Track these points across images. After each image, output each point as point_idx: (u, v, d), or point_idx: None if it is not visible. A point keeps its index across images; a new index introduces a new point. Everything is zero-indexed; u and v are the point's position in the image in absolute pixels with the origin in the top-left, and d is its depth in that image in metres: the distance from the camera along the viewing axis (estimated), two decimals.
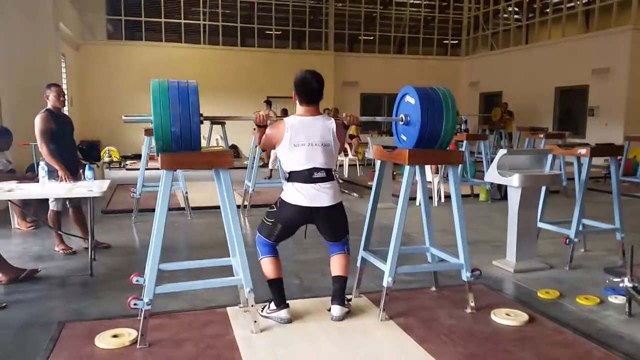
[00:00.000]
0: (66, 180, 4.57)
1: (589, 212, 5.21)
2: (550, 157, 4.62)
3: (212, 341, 2.93)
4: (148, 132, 6.84)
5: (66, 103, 4.92)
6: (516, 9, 17.97)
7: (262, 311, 3.22)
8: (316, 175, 3.07)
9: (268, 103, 13.25)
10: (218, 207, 7.70)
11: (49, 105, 4.81)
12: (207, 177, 8.12)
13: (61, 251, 4.88)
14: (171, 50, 16.06)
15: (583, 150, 4.47)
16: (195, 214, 6.81)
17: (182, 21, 16.27)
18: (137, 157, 14.82)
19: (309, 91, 3.13)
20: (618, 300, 3.70)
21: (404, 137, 3.40)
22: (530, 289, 3.99)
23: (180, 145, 2.84)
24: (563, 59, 14.56)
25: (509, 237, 4.50)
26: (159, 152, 2.85)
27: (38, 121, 4.68)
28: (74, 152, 5.04)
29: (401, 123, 3.36)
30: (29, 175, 6.13)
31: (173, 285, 3.10)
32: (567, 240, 4.48)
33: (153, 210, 6.72)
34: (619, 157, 5.28)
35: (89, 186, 4.19)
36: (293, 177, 3.10)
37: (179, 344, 2.89)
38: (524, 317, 3.26)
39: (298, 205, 3.07)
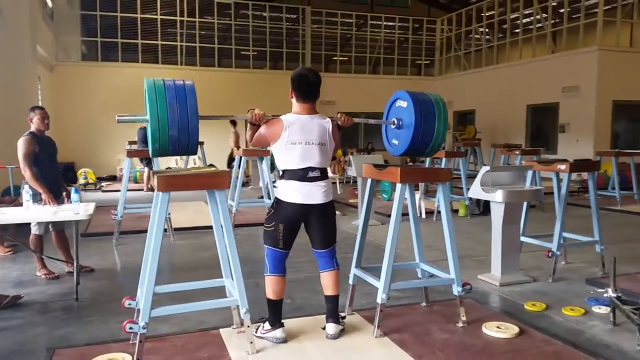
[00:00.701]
0: (50, 204, 4.50)
1: (568, 225, 5.36)
2: (530, 173, 4.76)
3: None
4: (130, 153, 6.81)
5: (50, 126, 4.86)
6: (487, 30, 18.50)
7: (256, 332, 3.20)
8: (311, 174, 3.08)
9: (233, 123, 13.34)
10: (199, 228, 7.70)
11: (33, 128, 4.75)
12: (186, 198, 8.08)
13: (43, 276, 4.77)
14: (148, 72, 15.94)
15: (563, 166, 4.62)
16: (177, 235, 6.75)
17: (159, 42, 16.26)
18: (112, 178, 14.68)
19: (306, 86, 3.11)
20: (602, 310, 3.81)
21: (396, 142, 3.44)
22: (516, 302, 4.07)
23: (177, 147, 2.79)
24: (534, 78, 15.02)
25: (493, 251, 4.60)
26: (153, 157, 2.96)
27: (21, 144, 4.62)
28: (57, 175, 4.96)
29: (393, 126, 3.39)
30: (7, 199, 6.02)
31: (170, 307, 3.07)
32: (550, 253, 4.60)
33: (134, 232, 6.88)
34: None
35: (75, 209, 4.12)
36: (287, 175, 3.10)
37: None
38: (514, 329, 3.33)
39: (294, 202, 3.08)
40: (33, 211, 4.20)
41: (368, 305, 3.77)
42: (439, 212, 7.61)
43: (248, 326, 3.02)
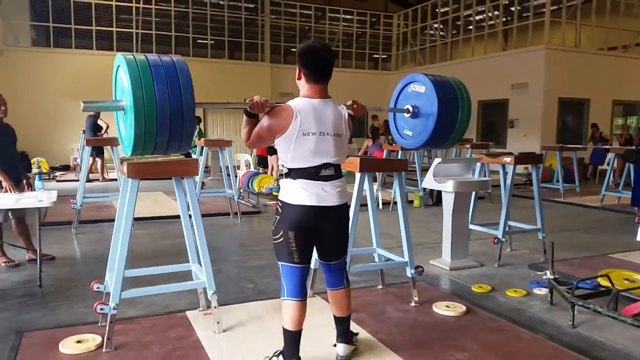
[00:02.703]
0: (10, 191, 4.49)
1: (514, 215, 5.76)
2: (478, 165, 5.08)
3: (177, 343, 3.05)
4: (89, 142, 6.77)
5: (7, 113, 4.81)
6: (442, 26, 19.02)
7: None
8: (324, 172, 2.57)
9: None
10: (159, 218, 7.72)
11: None
12: (146, 188, 8.09)
13: (3, 264, 4.76)
14: (102, 59, 15.58)
15: (508, 159, 4.97)
16: (137, 225, 6.77)
17: (114, 29, 15.93)
18: (66, 168, 14.35)
19: (319, 64, 2.57)
20: (542, 292, 4.16)
21: (409, 132, 3.06)
22: (464, 284, 4.39)
23: (167, 146, 2.34)
24: (485, 74, 15.59)
25: (444, 238, 4.91)
26: (133, 151, 2.39)
27: None
28: (17, 162, 4.93)
29: (407, 115, 2.99)
30: None
31: (140, 289, 3.18)
32: (496, 240, 4.94)
33: (94, 221, 6.87)
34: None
35: (39, 197, 4.14)
36: (295, 173, 2.59)
37: (145, 347, 2.99)
38: (462, 308, 3.62)
39: (303, 205, 2.56)
40: None
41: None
42: (395, 202, 7.91)
43: (215, 307, 3.18)
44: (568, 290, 3.60)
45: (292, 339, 2.63)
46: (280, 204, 2.63)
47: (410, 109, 2.95)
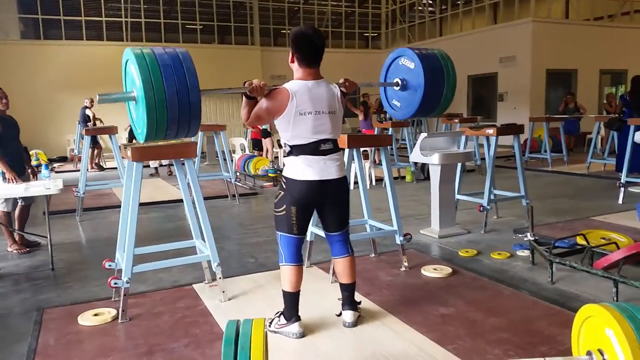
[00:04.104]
0: (13, 182, 4.69)
1: (502, 185, 6.02)
2: (463, 138, 5.32)
3: (186, 312, 3.32)
4: (88, 131, 6.97)
5: (9, 105, 5.00)
6: (430, 2, 19.08)
7: (270, 326, 2.93)
8: (324, 146, 2.79)
9: None
10: (160, 203, 7.94)
11: None
12: (144, 175, 8.32)
13: (15, 251, 4.99)
14: (93, 49, 15.72)
15: (490, 131, 5.21)
16: (139, 210, 6.98)
17: (103, 19, 15.96)
18: (63, 159, 14.52)
19: (311, 49, 2.75)
20: (525, 253, 4.43)
21: (397, 103, 3.24)
22: (452, 250, 4.67)
23: (177, 129, 2.46)
24: (474, 49, 15.75)
25: (432, 208, 5.17)
26: (144, 142, 2.54)
27: None
28: (21, 152, 5.13)
29: (396, 88, 3.13)
30: None
31: (149, 264, 3.43)
32: (481, 208, 5.21)
33: (97, 209, 7.10)
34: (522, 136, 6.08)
35: (46, 184, 4.37)
36: (297, 150, 2.77)
37: (157, 316, 3.26)
38: (447, 270, 3.90)
39: (307, 180, 2.77)
40: (5, 188, 4.41)
41: (323, 260, 4.26)
42: None
43: (220, 278, 3.44)
44: (547, 249, 3.87)
45: (292, 299, 2.89)
46: (284, 180, 2.83)
47: (399, 82, 3.10)
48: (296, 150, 2.78)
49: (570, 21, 15.18)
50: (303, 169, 2.77)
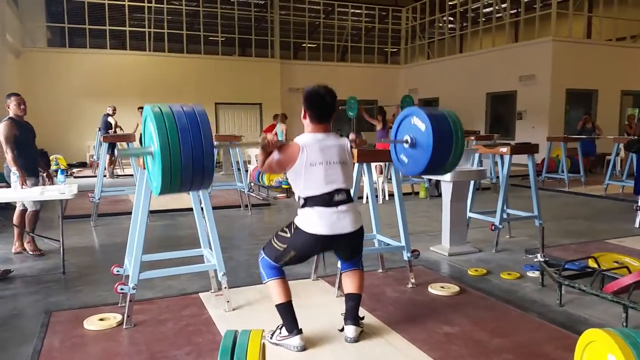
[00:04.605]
0: (21, 186, 4.78)
1: (516, 205, 5.94)
2: (477, 155, 5.30)
3: (190, 320, 3.34)
4: (106, 138, 7.10)
5: (27, 111, 5.12)
6: (451, 19, 19.11)
7: (271, 338, 2.95)
8: (337, 197, 2.82)
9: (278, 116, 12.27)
10: (173, 211, 8.01)
11: (11, 114, 5.02)
12: None
13: (31, 252, 5.08)
14: (116, 57, 16.04)
15: (504, 149, 5.17)
16: (152, 217, 7.07)
17: (127, 28, 16.28)
18: (82, 164, 14.78)
19: (322, 107, 2.86)
20: (535, 274, 4.37)
21: (405, 159, 3.29)
22: (461, 268, 4.62)
23: (191, 183, 2.46)
24: (493, 67, 15.70)
25: (443, 225, 5.14)
26: (158, 195, 2.56)
27: (2, 128, 4.89)
28: (36, 157, 5.24)
29: (406, 145, 3.19)
30: None
31: (156, 271, 3.47)
32: (493, 227, 5.16)
33: (111, 214, 7.19)
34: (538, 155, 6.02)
35: (61, 189, 4.45)
36: (311, 202, 2.82)
37: (162, 323, 3.28)
38: (455, 288, 3.87)
39: (317, 234, 2.79)
40: (22, 191, 4.51)
41: (330, 273, 4.25)
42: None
43: (225, 287, 3.45)
44: (556, 271, 3.81)
45: (286, 310, 2.90)
46: (294, 227, 2.86)
47: (409, 139, 3.16)
48: (310, 201, 2.82)
49: (592, 41, 15.05)
50: (314, 222, 2.80)
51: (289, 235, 2.87)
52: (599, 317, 3.46)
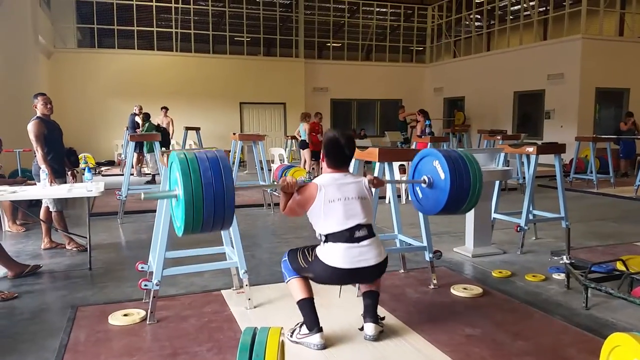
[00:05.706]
0: (50, 183, 4.90)
1: (543, 206, 5.82)
2: (502, 155, 5.22)
3: (212, 316, 3.38)
4: (133, 137, 7.23)
5: (53, 110, 5.25)
6: (477, 17, 18.85)
7: (291, 336, 2.98)
8: (358, 233, 2.82)
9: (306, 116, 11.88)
10: None
11: (39, 113, 5.15)
12: None
13: (75, 248, 5.20)
14: (143, 58, 16.31)
15: (530, 149, 5.08)
16: None
17: (154, 29, 16.53)
18: (111, 163, 15.06)
19: (341, 157, 2.94)
20: (561, 277, 4.29)
21: (422, 196, 3.34)
22: (485, 270, 4.56)
23: (212, 225, 2.56)
24: (521, 65, 15.44)
25: (467, 226, 5.08)
26: (181, 235, 2.66)
27: (31, 127, 5.03)
28: (63, 154, 5.36)
29: (423, 185, 3.22)
30: (19, 179, 6.43)
31: (179, 268, 3.53)
32: (518, 228, 5.07)
33: (138, 212, 7.32)
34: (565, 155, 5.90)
35: (88, 187, 4.55)
36: (332, 238, 2.84)
37: (184, 319, 3.33)
38: (478, 290, 3.82)
39: (337, 267, 2.81)
40: (50, 189, 4.62)
41: None
42: None
43: (246, 285, 3.48)
44: (582, 273, 3.73)
45: (307, 306, 2.92)
46: (315, 256, 2.88)
47: (427, 179, 3.19)
48: (331, 238, 2.84)
49: (624, 38, 14.67)
50: (336, 257, 2.81)
51: (310, 259, 2.91)
52: (626, 321, 3.38)
